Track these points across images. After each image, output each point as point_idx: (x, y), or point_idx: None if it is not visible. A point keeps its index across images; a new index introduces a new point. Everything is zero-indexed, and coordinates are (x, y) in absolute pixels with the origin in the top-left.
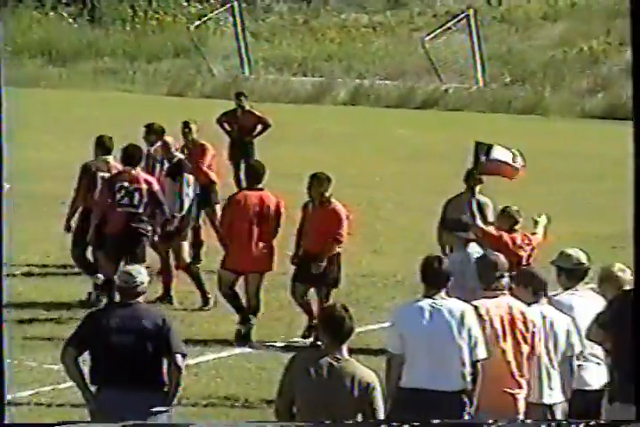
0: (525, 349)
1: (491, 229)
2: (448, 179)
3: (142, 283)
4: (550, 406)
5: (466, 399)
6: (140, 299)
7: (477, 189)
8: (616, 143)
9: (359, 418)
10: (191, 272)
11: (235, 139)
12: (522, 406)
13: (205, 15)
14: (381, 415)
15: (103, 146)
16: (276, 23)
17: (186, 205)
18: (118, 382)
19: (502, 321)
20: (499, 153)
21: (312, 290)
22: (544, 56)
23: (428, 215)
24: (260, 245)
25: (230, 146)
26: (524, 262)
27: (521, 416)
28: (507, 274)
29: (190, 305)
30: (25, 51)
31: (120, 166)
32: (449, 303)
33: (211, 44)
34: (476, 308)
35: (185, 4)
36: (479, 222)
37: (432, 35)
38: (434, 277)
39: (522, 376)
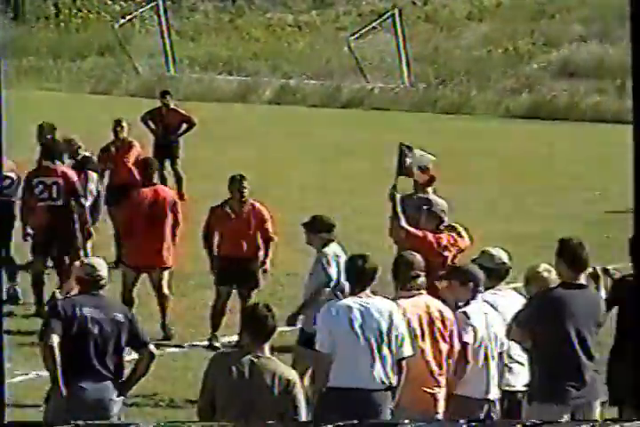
0: (444, 347)
1: (414, 229)
2: (373, 178)
3: (104, 276)
4: (494, 402)
5: (391, 396)
6: (102, 292)
7: (430, 189)
8: (540, 143)
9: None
10: None
11: (159, 137)
12: (441, 404)
13: (130, 13)
14: (303, 413)
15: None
16: (201, 22)
17: (88, 202)
18: (86, 372)
19: (420, 320)
20: (421, 158)
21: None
22: (469, 56)
23: (353, 214)
24: (156, 241)
25: (155, 145)
26: (448, 263)
27: (440, 415)
28: (423, 273)
29: None
30: None
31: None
32: (376, 302)
33: (135, 43)
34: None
35: (110, 2)
36: (403, 223)
37: (357, 34)
38: (359, 276)
39: (441, 375)
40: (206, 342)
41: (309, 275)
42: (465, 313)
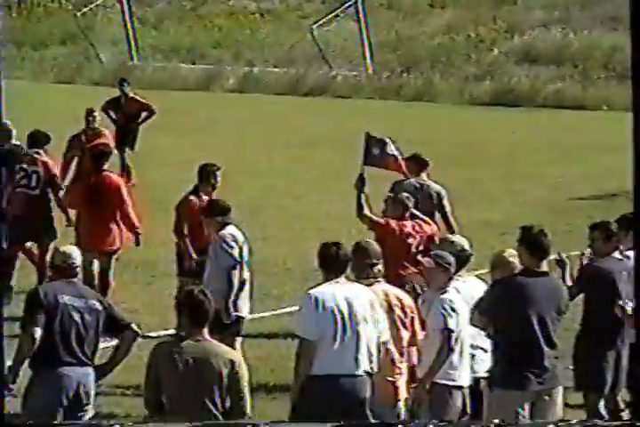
0: (406, 335)
1: (376, 217)
2: (339, 165)
3: (78, 263)
4: (466, 388)
5: (370, 382)
6: (75, 279)
7: (424, 175)
8: (503, 130)
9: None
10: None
11: (120, 126)
12: (402, 391)
13: (92, 2)
14: (247, 392)
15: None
16: (163, 10)
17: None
18: (69, 359)
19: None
20: (393, 148)
21: None
22: (432, 43)
23: (320, 203)
24: (100, 225)
25: (116, 134)
26: (413, 250)
27: (401, 403)
28: (380, 261)
29: None
30: None
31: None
32: (357, 288)
33: (98, 31)
34: None
35: None
36: (365, 211)
37: (320, 22)
38: (333, 263)
39: (402, 362)
40: (173, 331)
41: (210, 259)
42: (450, 300)
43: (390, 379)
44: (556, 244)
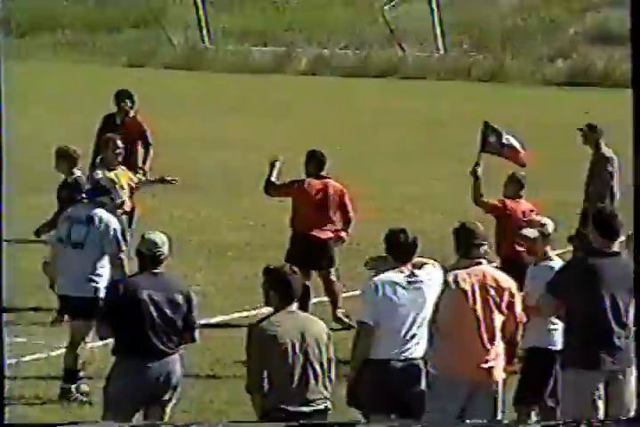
0: (499, 318)
1: (493, 201)
2: (413, 146)
3: (165, 252)
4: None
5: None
6: (161, 268)
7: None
8: (576, 110)
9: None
10: None
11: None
12: (498, 374)
13: None
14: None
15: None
16: None
17: None
18: (149, 352)
19: (475, 290)
20: (512, 139)
21: None
22: (504, 23)
23: (394, 184)
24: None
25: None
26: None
27: (500, 386)
28: (485, 242)
29: None
30: None
31: None
32: (421, 274)
33: (170, 15)
34: (453, 277)
35: None
36: (482, 197)
37: (392, 3)
38: (401, 249)
39: (493, 345)
40: (246, 313)
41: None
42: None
43: (484, 366)
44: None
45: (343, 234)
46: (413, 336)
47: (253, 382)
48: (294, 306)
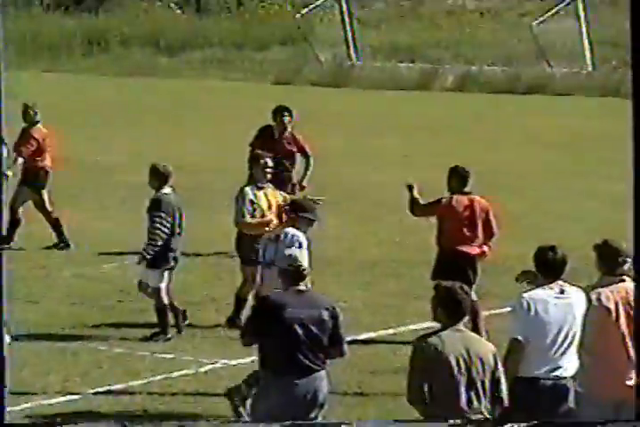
0: None
1: None
2: (563, 163)
3: (306, 267)
4: None
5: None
6: (305, 284)
7: None
8: None
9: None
10: None
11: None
12: None
13: (312, 3)
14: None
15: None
16: (382, 10)
17: None
18: (295, 368)
19: (619, 307)
20: None
21: None
22: None
23: (544, 201)
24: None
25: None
26: None
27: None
28: (629, 259)
29: None
30: (133, 41)
31: None
32: (570, 291)
33: (318, 32)
34: (596, 295)
35: None
36: None
37: (540, 19)
38: (550, 267)
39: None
40: (392, 331)
41: None
42: None
43: (630, 384)
44: None
45: (486, 249)
46: (563, 354)
47: (415, 395)
48: (461, 324)
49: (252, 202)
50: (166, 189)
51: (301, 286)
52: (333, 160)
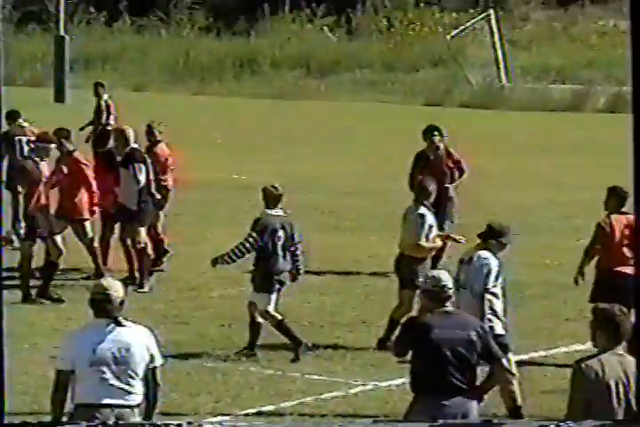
0: None
1: None
2: None
3: (450, 287)
4: None
5: None
6: (451, 308)
7: None
8: None
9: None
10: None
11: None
12: None
13: (462, 25)
14: None
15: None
16: (534, 31)
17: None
18: (444, 389)
19: None
20: None
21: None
22: None
23: None
24: None
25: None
26: None
27: None
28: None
29: None
30: (283, 63)
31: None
32: None
33: (468, 54)
34: None
35: (440, 14)
36: None
37: None
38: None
39: None
40: (543, 353)
41: None
42: None
43: None
44: None
45: None
46: None
47: (575, 416)
48: (620, 348)
49: (430, 227)
50: (272, 210)
51: (448, 308)
52: (485, 181)
